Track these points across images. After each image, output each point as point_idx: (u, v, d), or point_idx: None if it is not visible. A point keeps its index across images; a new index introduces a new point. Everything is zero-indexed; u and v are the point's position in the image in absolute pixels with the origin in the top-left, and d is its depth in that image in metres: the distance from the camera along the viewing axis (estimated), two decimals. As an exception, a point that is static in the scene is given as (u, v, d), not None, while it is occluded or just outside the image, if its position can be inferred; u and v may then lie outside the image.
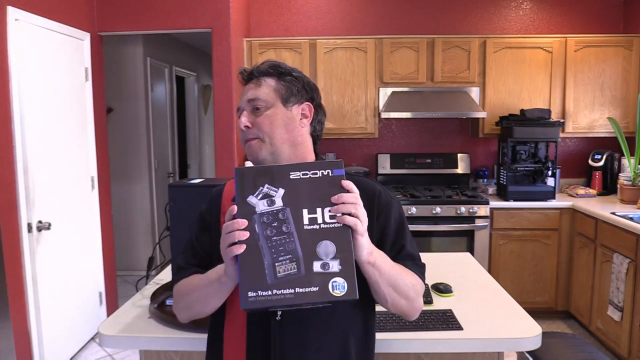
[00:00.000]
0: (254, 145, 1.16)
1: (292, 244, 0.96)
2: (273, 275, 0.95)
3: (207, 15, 3.59)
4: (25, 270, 2.78)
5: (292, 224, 0.97)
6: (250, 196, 0.98)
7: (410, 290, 1.11)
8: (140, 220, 4.97)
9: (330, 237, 0.96)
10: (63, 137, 3.17)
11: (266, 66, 1.20)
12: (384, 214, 1.17)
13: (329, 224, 0.97)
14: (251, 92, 1.17)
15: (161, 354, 1.56)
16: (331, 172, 0.99)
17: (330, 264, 0.95)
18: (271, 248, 0.96)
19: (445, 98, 3.87)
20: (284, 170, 1.00)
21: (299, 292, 0.94)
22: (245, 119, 1.17)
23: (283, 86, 1.18)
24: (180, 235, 1.70)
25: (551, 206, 3.68)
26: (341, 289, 0.94)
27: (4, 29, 2.64)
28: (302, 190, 0.99)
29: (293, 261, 0.95)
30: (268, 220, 0.97)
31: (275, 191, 0.98)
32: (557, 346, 2.12)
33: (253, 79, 1.20)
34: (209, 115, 6.77)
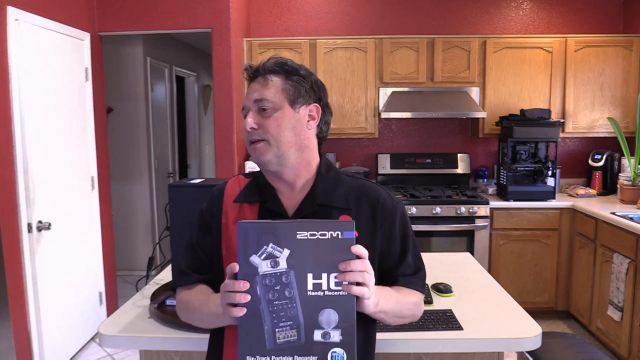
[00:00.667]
0: (259, 147, 1.13)
1: (294, 310, 0.93)
2: (272, 341, 0.93)
3: (207, 15, 3.59)
4: (25, 270, 2.78)
5: (295, 288, 0.94)
6: (254, 255, 0.94)
7: (412, 311, 1.16)
8: (140, 220, 4.97)
9: (333, 306, 0.94)
10: (63, 137, 3.17)
11: (273, 63, 1.16)
12: (388, 222, 1.16)
13: (334, 292, 0.94)
14: (258, 92, 1.13)
15: (161, 354, 1.56)
16: (341, 235, 0.95)
17: (331, 333, 0.93)
18: (272, 313, 0.93)
19: (445, 98, 3.87)
20: (291, 228, 0.95)
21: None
22: (251, 120, 1.13)
23: (290, 86, 1.14)
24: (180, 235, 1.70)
25: (551, 206, 3.68)
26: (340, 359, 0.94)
27: (4, 29, 2.64)
28: (308, 253, 0.94)
29: (294, 328, 0.93)
30: (270, 283, 0.94)
31: (280, 252, 0.95)
32: (557, 346, 2.12)
33: (259, 76, 1.16)
34: (209, 115, 6.77)
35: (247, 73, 1.18)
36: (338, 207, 1.14)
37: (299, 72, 1.16)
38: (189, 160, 6.35)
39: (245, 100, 1.17)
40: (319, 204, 1.14)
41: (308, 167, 1.17)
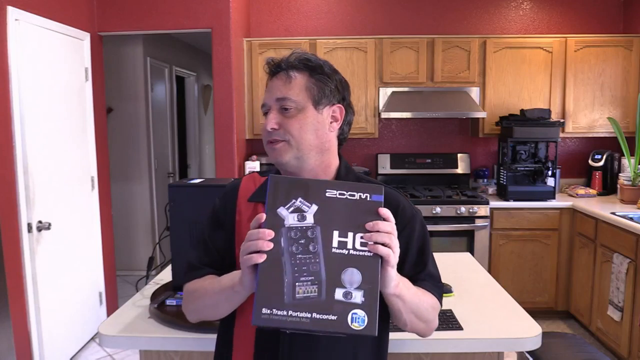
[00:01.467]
0: (279, 148, 1.08)
1: (317, 265, 0.91)
2: (291, 295, 0.89)
3: (207, 15, 3.59)
4: (25, 270, 2.78)
5: (320, 244, 0.91)
6: (281, 207, 0.93)
7: (429, 314, 1.09)
8: (140, 220, 4.97)
9: (357, 265, 0.91)
10: (63, 137, 3.17)
11: (296, 59, 1.10)
12: (407, 230, 1.12)
13: (359, 251, 0.91)
14: (280, 90, 1.08)
15: (161, 354, 1.56)
16: (369, 197, 0.94)
17: (353, 293, 0.90)
18: (294, 266, 0.90)
19: (445, 98, 3.87)
20: (321, 186, 0.95)
21: (316, 317, 0.89)
22: (273, 119, 1.08)
23: (314, 85, 1.09)
24: (180, 235, 1.71)
25: (551, 206, 3.68)
26: (360, 322, 0.89)
27: (4, 29, 2.64)
28: (336, 211, 0.93)
29: (315, 284, 0.90)
30: (296, 236, 0.92)
31: (308, 206, 0.93)
32: (557, 346, 2.12)
33: (281, 71, 1.10)
34: (209, 115, 6.77)
35: (268, 67, 1.13)
36: None
37: (324, 70, 1.11)
38: (189, 160, 6.35)
39: (265, 97, 1.12)
40: None
41: (327, 170, 1.14)
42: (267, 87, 1.13)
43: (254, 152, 4.25)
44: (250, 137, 4.01)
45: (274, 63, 1.12)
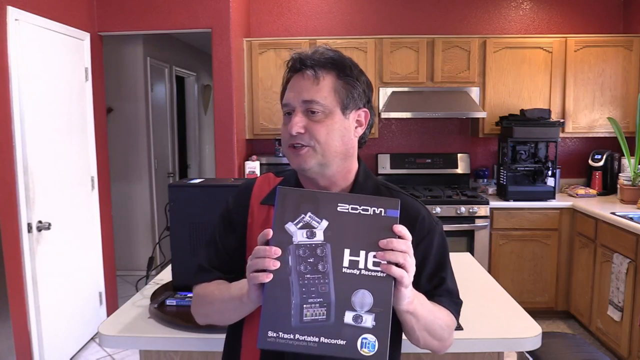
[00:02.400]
0: (304, 154, 1.02)
1: (326, 286, 0.86)
2: (299, 317, 0.85)
3: (207, 15, 3.59)
4: (25, 270, 2.78)
5: (329, 263, 0.86)
6: (290, 223, 0.88)
7: (444, 332, 1.04)
8: (140, 220, 4.97)
9: (369, 287, 0.86)
10: (63, 137, 3.17)
11: (323, 57, 1.04)
12: (426, 242, 1.07)
13: (371, 272, 0.86)
14: (308, 91, 1.02)
15: (161, 354, 1.56)
16: (384, 212, 0.88)
17: (364, 317, 0.85)
18: (302, 287, 0.86)
19: (445, 98, 3.87)
20: (332, 199, 0.89)
21: (324, 342, 0.84)
22: (300, 123, 1.01)
23: (343, 87, 1.03)
24: (180, 235, 1.71)
25: (551, 206, 3.68)
26: (371, 348, 0.84)
27: (4, 29, 2.64)
28: (347, 227, 0.88)
29: (323, 306, 0.85)
30: (304, 254, 0.86)
31: (318, 222, 0.88)
32: (557, 346, 2.12)
33: (306, 69, 1.03)
34: (209, 115, 6.77)
35: (292, 63, 1.06)
36: None
37: (353, 72, 1.06)
38: (189, 160, 6.35)
39: (288, 97, 1.05)
40: None
41: (347, 176, 1.10)
42: (289, 85, 1.06)
43: (254, 152, 4.25)
44: (250, 137, 4.01)
45: (299, 58, 1.05)
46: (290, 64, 1.07)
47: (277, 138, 3.97)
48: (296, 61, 1.05)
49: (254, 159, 3.93)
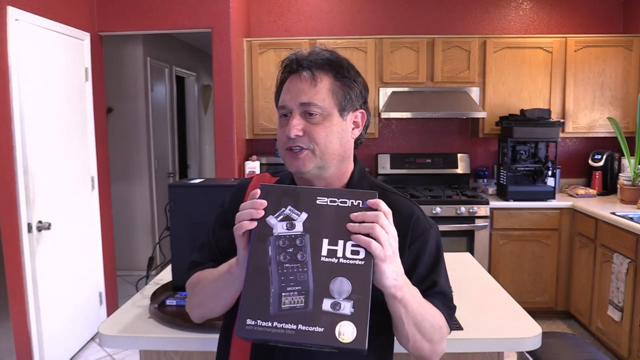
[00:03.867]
0: (303, 157, 1.02)
1: (305, 274, 0.87)
2: (277, 305, 0.86)
3: (207, 15, 3.59)
4: (25, 270, 2.78)
5: (308, 252, 0.88)
6: (271, 216, 0.90)
7: (435, 333, 1.00)
8: (140, 220, 4.97)
9: (347, 275, 0.86)
10: (63, 137, 3.17)
11: (320, 58, 1.03)
12: (419, 242, 1.06)
13: (349, 260, 0.87)
14: (305, 93, 1.01)
15: (161, 354, 1.56)
16: (362, 204, 0.90)
17: (342, 304, 0.86)
18: (281, 275, 0.87)
19: (445, 98, 3.87)
20: (312, 194, 0.91)
21: (302, 329, 0.85)
22: (298, 125, 1.01)
23: (340, 89, 1.03)
24: (180, 235, 1.71)
25: (551, 206, 3.68)
26: (349, 335, 0.84)
27: (4, 29, 2.64)
28: (326, 218, 0.90)
29: (302, 294, 0.86)
30: (284, 245, 0.89)
31: (298, 214, 0.90)
32: (557, 346, 2.12)
33: (302, 70, 1.02)
34: (209, 115, 6.77)
35: (288, 64, 1.05)
36: None
37: (350, 73, 1.05)
38: (189, 160, 6.35)
39: (285, 99, 1.04)
40: None
41: (342, 177, 1.10)
42: (285, 87, 1.05)
43: (254, 152, 4.25)
44: (250, 137, 4.01)
45: (295, 59, 1.04)
46: (285, 64, 1.06)
47: (276, 138, 3.97)
48: (292, 62, 1.04)
49: (254, 159, 3.93)
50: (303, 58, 1.03)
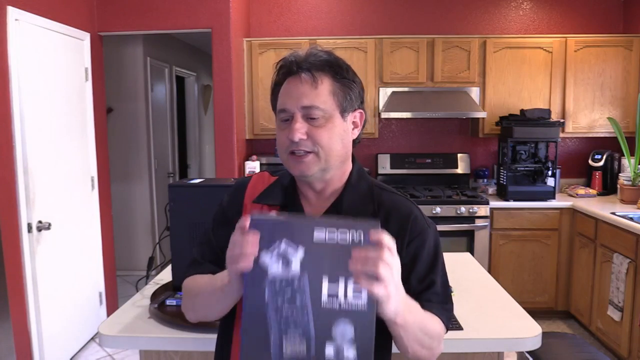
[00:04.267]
0: (307, 161, 1.01)
1: (305, 319, 0.83)
2: (279, 354, 0.83)
3: (207, 15, 3.59)
4: (25, 270, 2.78)
5: (307, 295, 0.83)
6: (264, 253, 0.84)
7: (434, 342, 1.01)
8: (140, 220, 4.97)
9: (350, 318, 0.82)
10: (63, 137, 3.17)
11: (320, 60, 1.01)
12: (417, 242, 1.06)
13: (351, 300, 0.82)
14: (307, 96, 1.00)
15: (161, 354, 1.56)
16: (363, 235, 0.83)
17: (345, 349, 0.82)
18: (280, 321, 0.83)
19: (445, 98, 3.87)
20: (308, 225, 0.85)
21: None
22: (302, 129, 0.99)
23: (340, 90, 1.02)
24: (180, 235, 1.71)
25: (551, 206, 3.68)
26: None
27: (4, 29, 2.64)
28: (325, 254, 0.83)
29: (303, 340, 0.83)
30: (280, 288, 0.83)
31: (294, 250, 0.84)
32: (557, 346, 2.12)
33: (301, 71, 1.00)
34: (209, 115, 6.77)
35: (284, 65, 1.03)
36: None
37: (349, 73, 1.04)
38: (189, 160, 6.35)
39: (285, 102, 1.02)
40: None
41: (342, 177, 1.10)
42: (284, 89, 1.03)
43: (254, 152, 4.25)
44: (250, 137, 4.01)
45: (294, 61, 1.02)
46: (280, 65, 1.04)
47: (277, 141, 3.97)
48: (291, 64, 1.02)
49: (254, 159, 3.93)
50: (301, 60, 1.02)
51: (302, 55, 1.03)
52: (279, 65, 1.05)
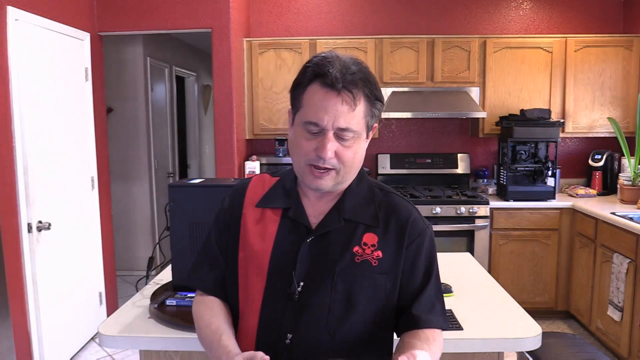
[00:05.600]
0: (328, 177, 1.03)
1: None
2: None
3: (207, 15, 3.58)
4: (25, 270, 2.78)
5: None
6: None
7: (439, 355, 1.07)
8: (140, 220, 4.97)
9: None
10: (63, 137, 3.17)
11: (360, 78, 1.00)
12: (416, 243, 1.11)
13: None
14: (345, 119, 0.99)
15: (161, 354, 1.56)
16: None
17: None
18: None
19: (445, 98, 3.87)
20: None
21: None
22: (333, 149, 1.00)
23: (370, 110, 1.03)
24: (180, 235, 1.71)
25: (551, 206, 3.68)
26: None
27: (4, 29, 2.64)
28: None
29: None
30: None
31: None
32: (557, 346, 2.12)
33: (344, 90, 0.98)
34: (209, 115, 6.77)
35: (323, 74, 0.99)
36: (365, 224, 1.09)
37: (378, 89, 1.04)
38: (189, 160, 6.35)
39: (320, 117, 0.99)
40: (346, 219, 1.09)
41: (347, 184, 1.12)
42: (320, 102, 0.99)
43: (254, 152, 4.25)
44: (250, 137, 4.01)
45: (336, 77, 0.98)
46: (316, 72, 1.00)
47: (277, 138, 3.97)
48: (333, 79, 0.98)
49: (254, 159, 3.93)
50: (342, 75, 0.99)
51: (340, 69, 0.99)
52: (314, 70, 1.01)
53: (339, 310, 1.05)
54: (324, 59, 1.02)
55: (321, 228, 1.08)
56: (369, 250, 1.07)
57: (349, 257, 1.07)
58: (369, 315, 1.07)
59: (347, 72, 0.99)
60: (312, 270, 1.06)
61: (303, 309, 1.05)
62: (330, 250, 1.07)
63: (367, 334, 1.07)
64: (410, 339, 1.05)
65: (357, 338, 1.06)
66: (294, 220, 1.10)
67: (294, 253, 1.07)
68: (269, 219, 1.11)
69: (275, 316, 1.06)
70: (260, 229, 1.11)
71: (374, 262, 1.07)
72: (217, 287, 1.16)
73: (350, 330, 1.06)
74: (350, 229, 1.09)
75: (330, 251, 1.07)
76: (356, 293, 1.06)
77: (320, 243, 1.08)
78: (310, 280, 1.06)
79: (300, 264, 1.06)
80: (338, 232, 1.08)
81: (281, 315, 1.06)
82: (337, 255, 1.07)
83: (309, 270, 1.06)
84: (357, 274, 1.06)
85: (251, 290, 1.10)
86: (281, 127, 3.94)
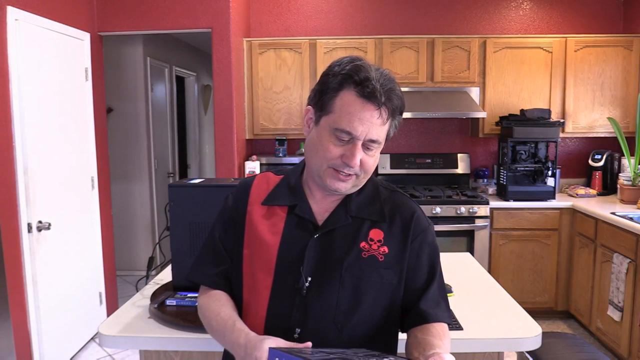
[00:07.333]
0: (349, 181, 1.07)
1: None
2: None
3: (207, 15, 3.59)
4: (25, 270, 2.78)
5: None
6: None
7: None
8: (140, 220, 4.97)
9: None
10: (63, 137, 3.17)
11: (397, 101, 1.04)
12: (419, 240, 1.13)
13: None
14: (376, 131, 1.03)
15: (161, 354, 1.56)
16: None
17: None
18: None
19: (445, 98, 3.87)
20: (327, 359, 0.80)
21: None
22: (359, 158, 1.04)
23: (394, 124, 1.08)
24: (180, 235, 1.71)
25: (551, 206, 3.68)
26: None
27: (4, 29, 2.64)
28: None
29: None
30: None
31: None
32: (557, 346, 2.12)
33: (384, 106, 1.02)
34: (209, 115, 6.77)
35: (365, 83, 1.00)
36: (371, 220, 1.12)
37: (403, 111, 1.08)
38: (189, 160, 6.35)
39: (354, 126, 1.01)
40: (352, 216, 1.11)
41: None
42: (358, 114, 1.01)
43: (254, 152, 4.25)
44: (250, 137, 4.01)
45: (381, 92, 1.00)
46: (355, 79, 1.01)
47: (277, 138, 3.97)
48: (374, 92, 1.00)
49: (254, 159, 3.93)
50: (382, 89, 1.01)
51: (374, 77, 1.01)
52: (353, 77, 1.02)
53: (346, 305, 1.07)
54: (358, 66, 1.03)
55: (328, 225, 1.11)
56: (375, 246, 1.10)
57: (356, 253, 1.09)
58: (376, 309, 1.09)
59: (386, 87, 1.02)
60: (320, 265, 1.08)
61: (311, 304, 1.07)
62: (337, 246, 1.09)
63: (373, 329, 1.10)
64: (423, 335, 1.05)
65: (364, 332, 1.09)
66: (300, 217, 1.12)
67: (301, 249, 1.09)
68: (275, 215, 1.13)
69: (284, 311, 1.08)
70: (269, 224, 1.13)
71: (380, 257, 1.10)
72: (222, 282, 1.17)
73: (357, 325, 1.08)
74: (357, 225, 1.11)
75: (337, 247, 1.09)
76: (363, 288, 1.08)
77: (327, 239, 1.10)
78: (318, 276, 1.08)
79: (308, 260, 1.08)
80: (344, 228, 1.11)
81: (289, 310, 1.07)
82: (344, 250, 1.09)
83: (316, 265, 1.08)
84: (364, 269, 1.08)
85: (258, 286, 1.11)
86: (281, 127, 3.94)
